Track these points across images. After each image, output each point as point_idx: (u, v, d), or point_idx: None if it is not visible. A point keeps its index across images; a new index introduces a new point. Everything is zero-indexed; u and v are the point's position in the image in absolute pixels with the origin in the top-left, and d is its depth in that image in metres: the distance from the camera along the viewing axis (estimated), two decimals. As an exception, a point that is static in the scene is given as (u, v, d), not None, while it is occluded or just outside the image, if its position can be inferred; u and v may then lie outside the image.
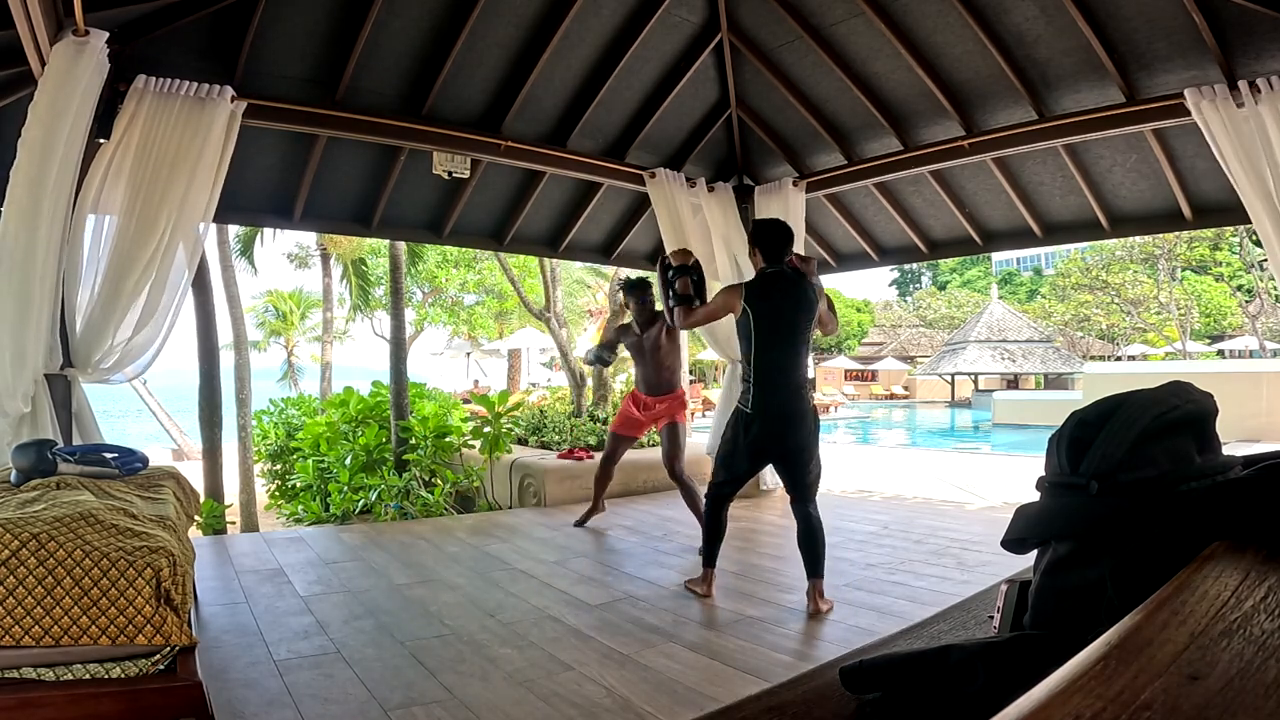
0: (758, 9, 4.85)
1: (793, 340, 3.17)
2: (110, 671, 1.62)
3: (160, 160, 3.52)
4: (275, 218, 5.25)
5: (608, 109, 5.21)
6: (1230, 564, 0.63)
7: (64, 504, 1.92)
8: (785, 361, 3.16)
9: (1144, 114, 4.07)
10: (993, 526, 4.72)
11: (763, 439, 3.18)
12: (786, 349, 3.17)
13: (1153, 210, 4.90)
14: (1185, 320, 23.76)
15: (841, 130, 5.44)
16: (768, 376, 3.15)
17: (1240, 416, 10.78)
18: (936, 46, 4.50)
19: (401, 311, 9.68)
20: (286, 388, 21.13)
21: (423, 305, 20.02)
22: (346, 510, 7.05)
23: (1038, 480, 0.85)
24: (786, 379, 3.16)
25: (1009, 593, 0.92)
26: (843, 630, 2.90)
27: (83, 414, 3.40)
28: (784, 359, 3.16)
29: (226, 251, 11.58)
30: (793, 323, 3.18)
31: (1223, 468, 0.80)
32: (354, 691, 2.31)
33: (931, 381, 30.89)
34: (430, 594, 3.40)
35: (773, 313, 3.16)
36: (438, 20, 4.24)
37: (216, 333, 7.85)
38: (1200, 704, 0.40)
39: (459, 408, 9.44)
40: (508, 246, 6.21)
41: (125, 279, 3.44)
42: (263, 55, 3.96)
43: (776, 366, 3.15)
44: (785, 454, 3.21)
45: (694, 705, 2.21)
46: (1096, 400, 0.83)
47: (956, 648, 0.76)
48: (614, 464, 4.92)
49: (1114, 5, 3.79)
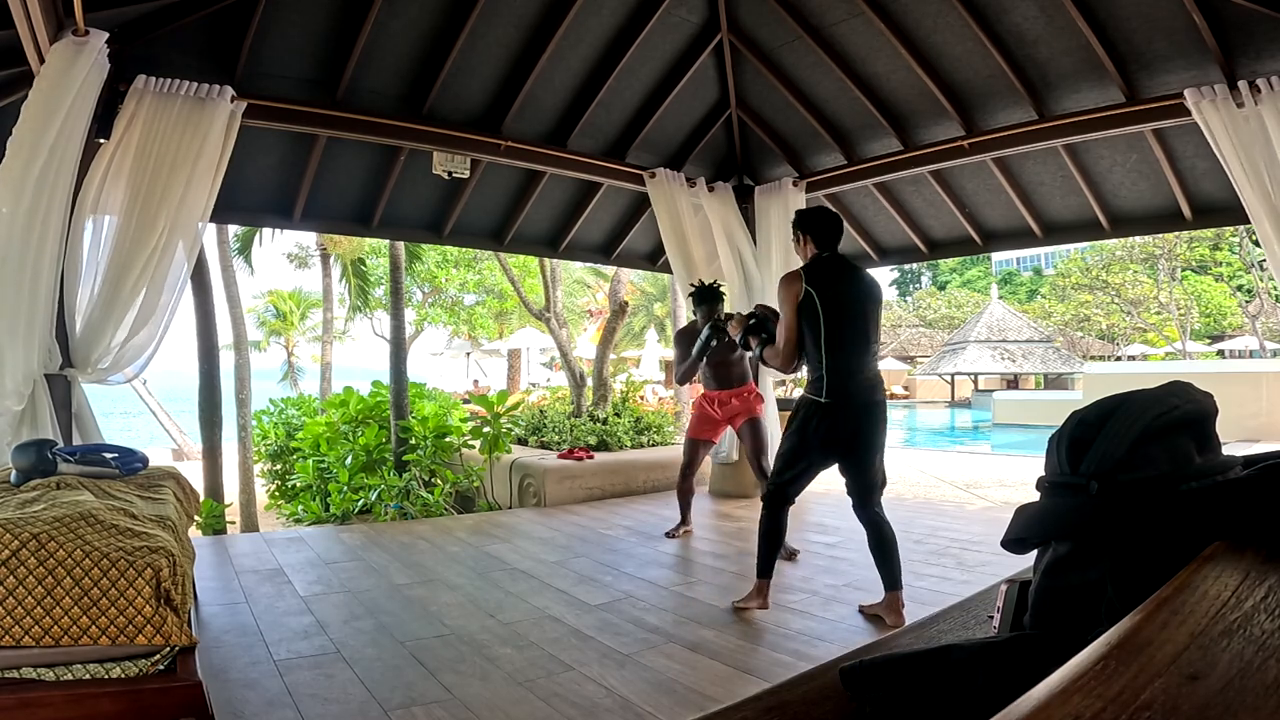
0: (758, 9, 4.85)
1: (864, 326, 2.97)
2: (110, 671, 1.62)
3: (160, 160, 3.53)
4: (275, 218, 5.25)
5: (608, 109, 5.21)
6: (1230, 564, 0.63)
7: (64, 504, 1.92)
8: (861, 347, 2.94)
9: (1144, 114, 4.07)
10: (993, 526, 4.72)
11: (837, 431, 2.92)
12: (860, 334, 2.94)
13: (1153, 210, 4.90)
14: (1185, 320, 23.75)
15: (841, 130, 5.44)
16: (844, 363, 2.89)
17: (1240, 416, 10.78)
18: (936, 46, 4.50)
19: (401, 311, 9.69)
20: (286, 388, 21.11)
21: (423, 305, 20.02)
22: (346, 510, 7.05)
23: (1038, 480, 0.85)
24: (864, 365, 2.95)
25: (1009, 593, 0.92)
26: (843, 630, 2.90)
27: (82, 414, 3.40)
28: (859, 344, 2.94)
29: (226, 251, 11.58)
30: (862, 308, 2.98)
31: (1223, 468, 0.80)
32: (354, 691, 2.31)
33: (931, 381, 30.87)
34: (430, 594, 3.40)
35: (841, 296, 2.93)
36: (438, 20, 4.24)
37: (216, 333, 7.85)
38: (1200, 704, 0.40)
39: (459, 408, 9.44)
40: (508, 246, 6.21)
41: (124, 279, 3.44)
42: (263, 55, 3.96)
43: (853, 351, 2.92)
44: (856, 449, 2.95)
45: (694, 705, 2.21)
46: (1096, 400, 0.83)
47: (956, 648, 0.76)
48: (694, 472, 4.66)
49: (1114, 5, 3.80)
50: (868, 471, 2.97)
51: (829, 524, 4.87)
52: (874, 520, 2.96)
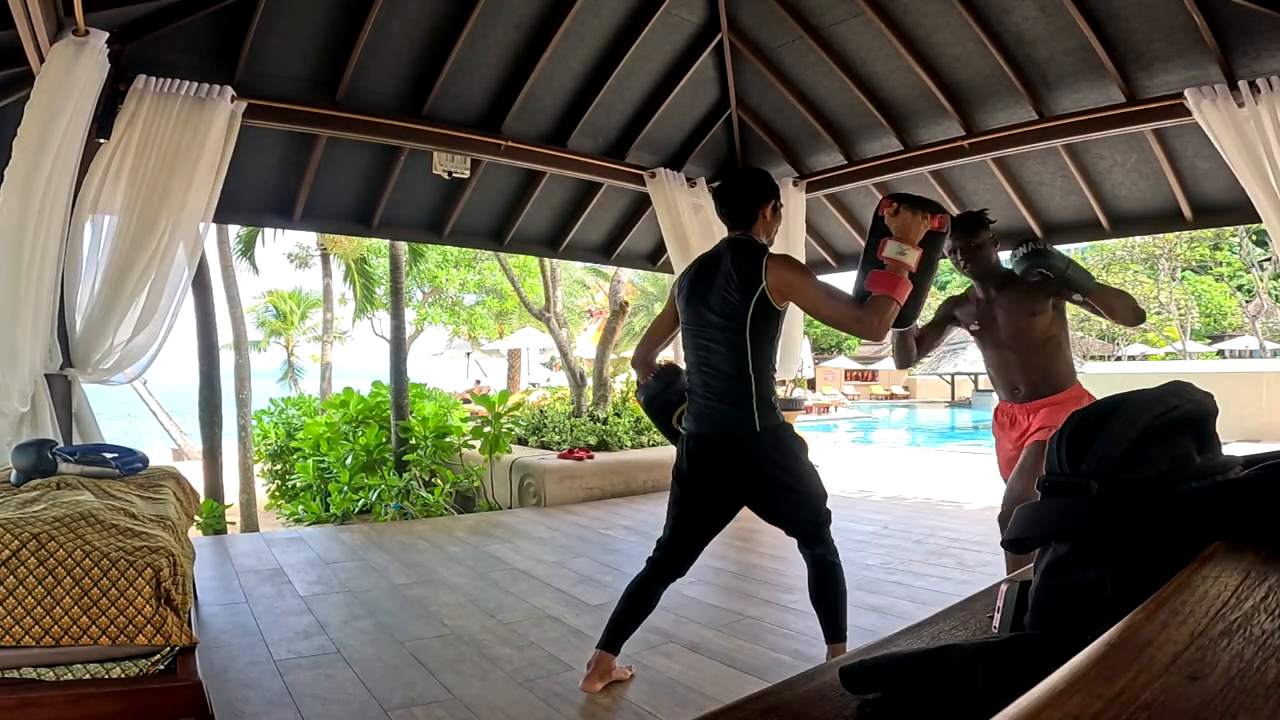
0: (758, 9, 4.85)
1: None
2: (110, 671, 1.62)
3: (160, 160, 3.53)
4: (275, 218, 5.25)
5: (608, 109, 5.21)
6: (1230, 564, 0.63)
7: (64, 504, 1.92)
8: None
9: (1144, 114, 4.06)
10: (993, 526, 4.70)
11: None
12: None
13: (1153, 210, 4.90)
14: (1185, 320, 23.75)
15: (841, 130, 5.44)
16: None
17: (1240, 416, 10.78)
18: (936, 46, 4.49)
19: (401, 311, 9.68)
20: (286, 388, 21.13)
21: (423, 305, 20.02)
22: (346, 510, 7.05)
23: (1038, 480, 0.85)
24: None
25: (1009, 593, 0.92)
26: (843, 630, 2.90)
27: (83, 414, 3.40)
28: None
29: (227, 252, 11.58)
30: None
31: (1223, 468, 0.79)
32: (354, 691, 2.31)
33: (931, 381, 30.88)
34: (430, 594, 3.40)
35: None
36: (438, 20, 4.23)
37: (216, 333, 7.84)
38: (1200, 704, 0.40)
39: (459, 408, 9.44)
40: (508, 247, 6.21)
41: (125, 279, 3.44)
42: (263, 55, 3.96)
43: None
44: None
45: (694, 705, 2.22)
46: (1096, 400, 0.83)
47: (956, 648, 0.76)
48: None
49: (1114, 5, 3.79)
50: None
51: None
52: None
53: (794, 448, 2.28)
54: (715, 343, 2.25)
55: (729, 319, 2.22)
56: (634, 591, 2.38)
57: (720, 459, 2.26)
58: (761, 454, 2.23)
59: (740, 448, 2.24)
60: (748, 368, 2.21)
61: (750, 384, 2.21)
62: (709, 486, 2.31)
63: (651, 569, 2.39)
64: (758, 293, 2.18)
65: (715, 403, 2.26)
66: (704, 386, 2.29)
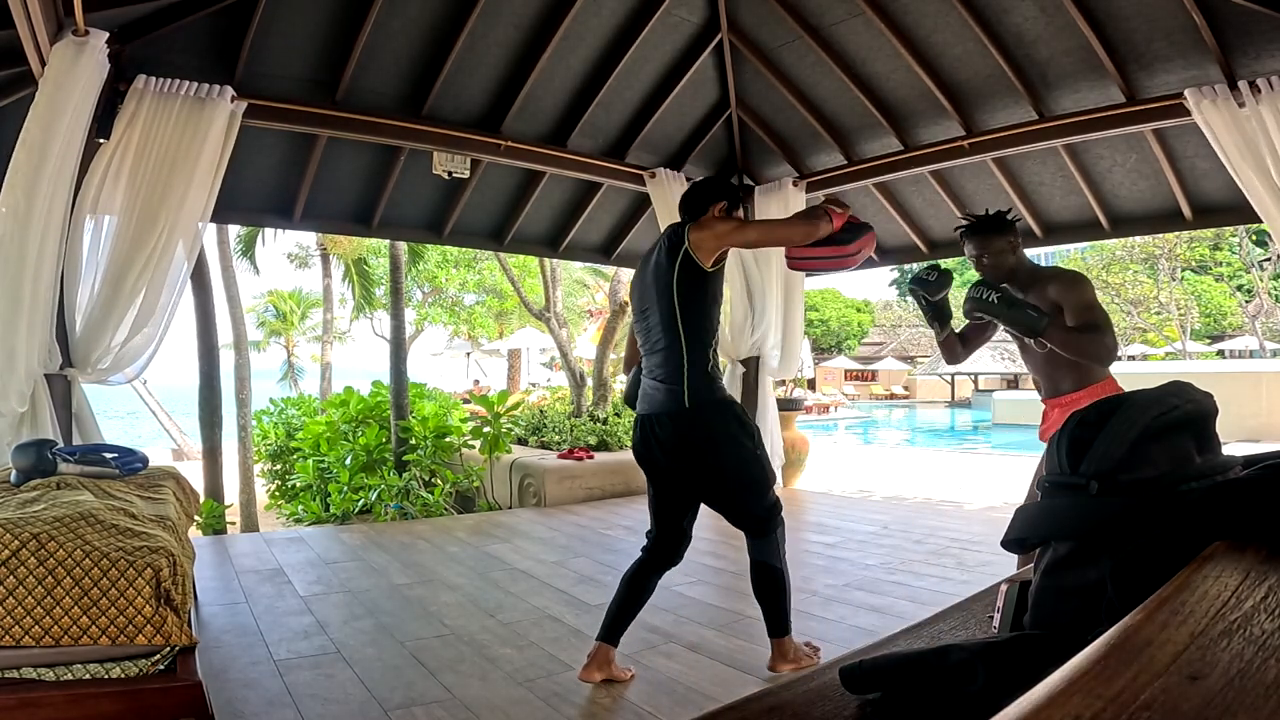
0: (758, 9, 4.85)
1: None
2: (110, 671, 1.62)
3: (160, 160, 3.53)
4: (275, 218, 5.25)
5: (608, 109, 5.21)
6: (1230, 564, 0.63)
7: (64, 504, 1.92)
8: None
9: (1144, 114, 4.06)
10: (993, 526, 4.72)
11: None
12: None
13: (1153, 210, 4.90)
14: (1185, 320, 23.75)
15: (841, 130, 5.44)
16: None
17: (1240, 416, 10.78)
18: (936, 46, 4.49)
19: (401, 311, 9.68)
20: (286, 388, 21.12)
21: (423, 305, 20.02)
22: (346, 510, 7.05)
23: (1038, 480, 0.85)
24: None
25: (1009, 593, 0.92)
26: (843, 630, 2.90)
27: (83, 414, 3.40)
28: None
29: (227, 252, 11.57)
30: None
31: (1223, 468, 0.80)
32: (354, 691, 2.31)
33: (931, 381, 30.90)
34: (430, 594, 3.40)
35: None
36: (438, 20, 4.23)
37: (216, 333, 7.84)
38: (1200, 704, 0.40)
39: (459, 408, 9.44)
40: (508, 247, 6.21)
41: (125, 279, 3.45)
42: (263, 55, 3.96)
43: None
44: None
45: (694, 705, 2.21)
46: (1097, 400, 0.83)
47: (956, 648, 0.76)
48: None
49: (1114, 5, 3.79)
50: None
51: (829, 524, 4.88)
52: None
53: (729, 428, 2.24)
54: (651, 318, 2.30)
55: (659, 291, 2.26)
56: (631, 578, 2.42)
57: (656, 437, 2.29)
58: (690, 432, 2.23)
59: (669, 425, 2.25)
60: (680, 340, 2.23)
61: (682, 356, 2.22)
62: (658, 466, 2.33)
63: (646, 558, 2.44)
64: (680, 254, 2.22)
65: (653, 380, 2.30)
66: (647, 368, 2.35)
